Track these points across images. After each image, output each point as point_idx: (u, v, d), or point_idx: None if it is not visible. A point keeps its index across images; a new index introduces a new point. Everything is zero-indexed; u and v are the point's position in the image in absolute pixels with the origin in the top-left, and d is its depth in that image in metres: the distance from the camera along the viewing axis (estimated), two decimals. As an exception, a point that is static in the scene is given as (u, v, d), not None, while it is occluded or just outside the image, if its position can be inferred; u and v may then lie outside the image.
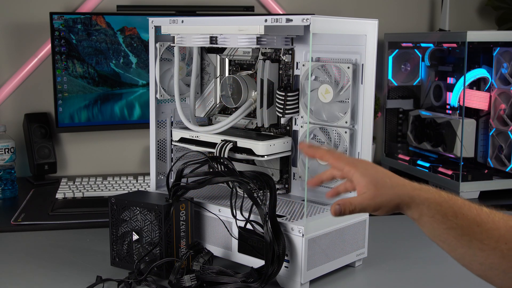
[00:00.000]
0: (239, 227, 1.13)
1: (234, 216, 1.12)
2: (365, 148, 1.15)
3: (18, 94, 1.87)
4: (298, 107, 1.22)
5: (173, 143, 1.34)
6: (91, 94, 1.77)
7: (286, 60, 1.25)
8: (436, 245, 1.20)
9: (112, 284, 1.08)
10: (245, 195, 1.10)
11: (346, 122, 1.16)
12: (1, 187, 1.64)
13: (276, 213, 1.09)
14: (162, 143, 1.35)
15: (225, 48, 1.33)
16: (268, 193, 1.07)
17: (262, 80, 1.24)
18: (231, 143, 1.21)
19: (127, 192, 1.61)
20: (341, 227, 1.13)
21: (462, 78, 1.68)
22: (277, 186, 1.15)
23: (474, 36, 1.63)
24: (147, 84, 1.81)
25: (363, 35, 1.13)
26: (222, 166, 1.18)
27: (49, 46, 1.77)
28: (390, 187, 0.83)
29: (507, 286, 0.74)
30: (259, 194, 1.08)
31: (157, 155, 1.34)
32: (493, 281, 0.77)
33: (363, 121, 1.14)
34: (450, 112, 1.80)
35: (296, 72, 1.24)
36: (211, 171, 1.19)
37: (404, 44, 1.94)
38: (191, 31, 1.21)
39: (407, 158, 1.92)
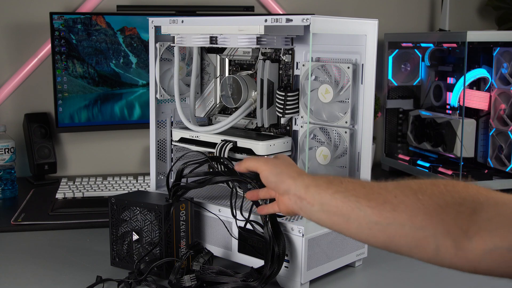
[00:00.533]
0: (239, 227, 1.13)
1: (234, 216, 1.12)
2: (365, 148, 1.15)
3: (18, 94, 1.87)
4: (298, 107, 1.22)
5: (173, 143, 1.34)
6: (91, 94, 1.77)
7: (286, 60, 1.25)
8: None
9: (112, 284, 1.08)
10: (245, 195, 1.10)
11: (346, 122, 1.16)
12: (1, 187, 1.64)
13: (276, 213, 1.09)
14: (162, 143, 1.35)
15: (225, 48, 1.33)
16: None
17: (262, 80, 1.24)
18: (231, 143, 1.21)
19: (127, 192, 1.61)
20: (341, 227, 1.13)
21: (462, 78, 1.68)
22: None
23: (474, 36, 1.63)
24: (147, 84, 1.81)
25: (363, 35, 1.13)
26: (222, 166, 1.18)
27: (49, 46, 1.78)
28: (280, 165, 0.94)
29: (412, 241, 0.71)
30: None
31: (157, 155, 1.34)
32: (397, 242, 0.73)
33: (363, 121, 1.14)
34: (450, 112, 1.80)
35: (296, 72, 1.24)
36: (211, 171, 1.19)
37: (404, 44, 1.94)
38: (191, 31, 1.21)
39: (407, 158, 1.92)
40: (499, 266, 0.65)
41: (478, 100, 1.74)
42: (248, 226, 1.11)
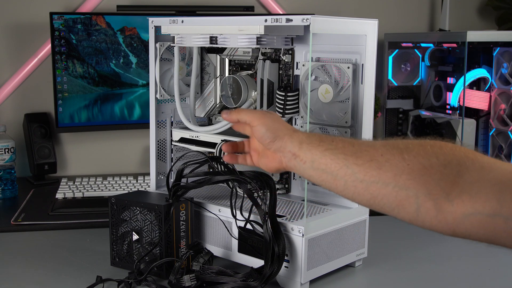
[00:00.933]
0: (239, 227, 1.13)
1: (234, 216, 1.12)
2: (365, 148, 1.15)
3: (18, 94, 1.87)
4: (298, 107, 1.22)
5: (173, 143, 1.34)
6: (91, 94, 1.77)
7: (286, 60, 1.25)
8: (436, 246, 1.20)
9: (112, 284, 1.08)
10: (245, 195, 1.10)
11: (346, 122, 1.16)
12: (1, 187, 1.64)
13: (276, 213, 1.08)
14: (162, 143, 1.35)
15: (225, 48, 1.33)
16: (268, 193, 1.07)
17: (262, 80, 1.24)
18: (231, 143, 1.20)
19: (127, 192, 1.61)
20: (341, 227, 1.13)
21: (462, 78, 1.68)
22: (277, 186, 1.15)
23: (474, 36, 1.63)
24: (147, 84, 1.81)
25: (363, 35, 1.13)
26: (222, 166, 1.18)
27: (49, 46, 1.78)
28: (278, 117, 0.96)
29: (394, 200, 0.72)
30: (259, 194, 1.08)
31: (157, 155, 1.34)
32: (380, 201, 0.74)
33: (363, 121, 1.14)
34: (450, 112, 1.80)
35: (296, 72, 1.24)
36: (211, 171, 1.19)
37: (404, 44, 1.94)
38: (191, 31, 1.21)
39: (407, 158, 1.92)
40: (477, 231, 0.65)
41: (478, 100, 1.74)
42: (248, 226, 1.11)
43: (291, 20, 1.06)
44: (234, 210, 1.11)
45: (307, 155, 0.84)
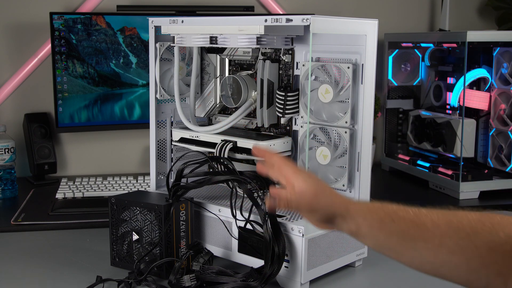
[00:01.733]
0: (239, 227, 1.13)
1: (234, 216, 1.12)
2: (365, 148, 1.15)
3: (18, 94, 1.87)
4: (298, 107, 1.22)
5: (173, 143, 1.34)
6: (91, 94, 1.77)
7: (286, 60, 1.25)
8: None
9: (112, 284, 1.08)
10: (245, 195, 1.10)
11: (346, 122, 1.16)
12: (1, 187, 1.64)
13: (276, 213, 1.08)
14: (162, 143, 1.35)
15: (225, 48, 1.33)
16: (268, 193, 1.07)
17: (262, 80, 1.24)
18: (231, 143, 1.21)
19: (127, 192, 1.61)
20: (341, 227, 1.13)
21: (462, 78, 1.68)
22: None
23: (474, 36, 1.63)
24: (147, 84, 1.81)
25: (363, 35, 1.13)
26: (222, 166, 1.18)
27: (49, 46, 1.77)
28: (328, 194, 0.87)
29: (464, 279, 0.74)
30: (259, 194, 1.08)
31: (157, 155, 1.34)
32: (448, 277, 0.76)
33: (363, 121, 1.14)
34: (450, 112, 1.80)
35: (296, 72, 1.24)
36: (211, 171, 1.19)
37: (404, 44, 1.94)
38: (191, 31, 1.21)
39: (407, 158, 1.92)
40: None
41: (478, 100, 1.74)
42: (248, 226, 1.11)
43: (291, 20, 1.06)
44: (234, 210, 1.11)
45: (367, 236, 0.84)
